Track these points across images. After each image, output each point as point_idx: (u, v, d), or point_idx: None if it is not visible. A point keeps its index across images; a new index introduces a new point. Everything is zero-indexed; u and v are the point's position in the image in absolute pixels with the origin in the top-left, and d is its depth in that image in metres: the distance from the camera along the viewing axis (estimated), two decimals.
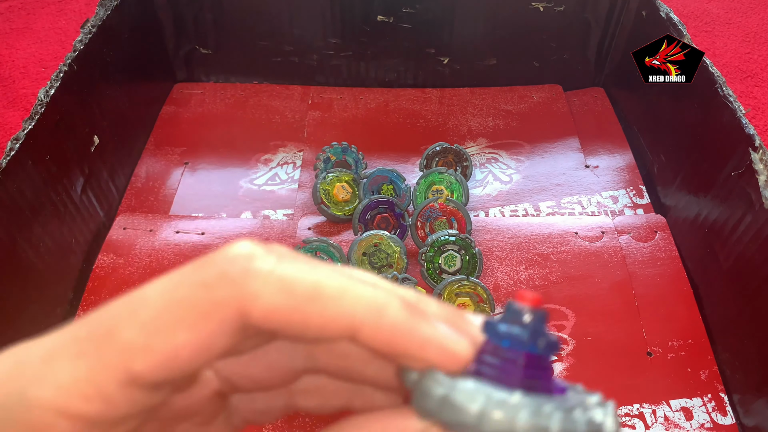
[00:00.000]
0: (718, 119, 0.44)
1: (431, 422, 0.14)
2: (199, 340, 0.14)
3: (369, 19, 0.60)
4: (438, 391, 0.14)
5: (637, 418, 0.39)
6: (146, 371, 0.14)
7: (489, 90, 0.64)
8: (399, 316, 0.15)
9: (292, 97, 0.63)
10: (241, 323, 0.14)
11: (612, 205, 0.53)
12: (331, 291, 0.15)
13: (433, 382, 0.14)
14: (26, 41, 0.71)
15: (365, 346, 0.15)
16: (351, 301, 0.15)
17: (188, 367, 0.14)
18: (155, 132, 0.59)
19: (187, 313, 0.14)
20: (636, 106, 0.58)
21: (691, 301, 0.45)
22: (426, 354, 0.15)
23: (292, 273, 0.14)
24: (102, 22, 0.50)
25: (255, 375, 0.18)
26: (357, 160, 0.54)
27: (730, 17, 0.65)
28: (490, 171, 0.56)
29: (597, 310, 0.44)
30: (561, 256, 0.47)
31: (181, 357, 0.14)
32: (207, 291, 0.14)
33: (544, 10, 0.60)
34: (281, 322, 0.14)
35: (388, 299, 0.15)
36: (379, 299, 0.15)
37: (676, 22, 0.49)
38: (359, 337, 0.15)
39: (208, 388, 0.17)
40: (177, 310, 0.14)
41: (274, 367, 0.17)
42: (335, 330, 0.15)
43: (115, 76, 0.53)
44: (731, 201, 0.42)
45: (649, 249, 0.48)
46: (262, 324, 0.14)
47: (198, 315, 0.14)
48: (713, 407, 0.39)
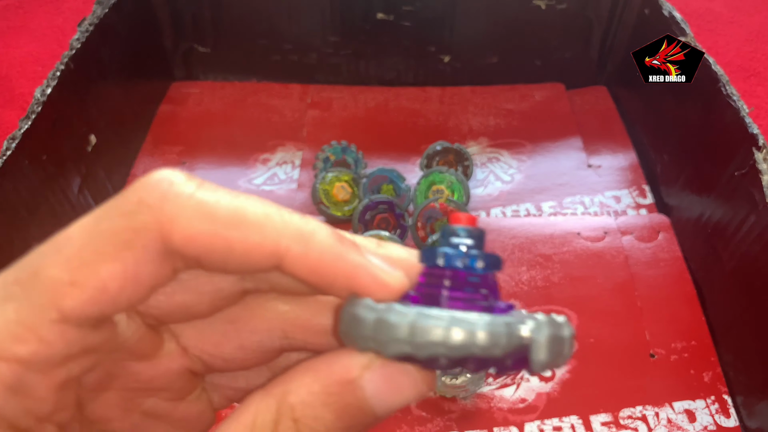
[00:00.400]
0: (721, 118, 0.43)
1: (371, 352, 0.14)
2: (124, 271, 0.14)
3: (369, 16, 0.60)
4: (370, 315, 0.14)
5: (640, 421, 0.39)
6: (76, 307, 0.13)
7: (490, 89, 0.63)
8: (327, 241, 0.14)
9: (291, 96, 0.63)
10: (164, 249, 0.14)
11: (615, 205, 0.52)
12: (255, 217, 0.14)
13: (366, 308, 0.14)
14: (23, 39, 0.71)
15: (292, 274, 0.15)
16: (276, 227, 0.14)
17: (121, 301, 0.14)
18: (152, 131, 0.59)
19: (109, 244, 0.14)
20: (639, 105, 0.58)
21: (695, 302, 0.44)
22: (357, 282, 0.15)
23: (213, 198, 0.14)
24: (99, 20, 0.50)
25: (227, 355, 0.17)
26: (357, 160, 0.54)
27: (734, 16, 0.65)
28: (491, 171, 0.56)
29: (599, 312, 0.44)
30: (563, 256, 0.47)
31: (110, 290, 0.13)
32: (126, 219, 0.14)
33: (545, 8, 0.59)
34: (204, 248, 0.14)
35: (317, 227, 0.15)
36: (306, 226, 0.14)
37: (678, 20, 0.49)
38: (285, 265, 0.14)
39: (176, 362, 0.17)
40: (99, 242, 0.14)
41: (247, 346, 0.17)
42: (260, 257, 0.14)
43: (113, 74, 0.53)
44: (735, 201, 0.42)
45: (651, 249, 0.48)
46: (185, 250, 0.14)
47: (120, 244, 0.14)
48: (717, 409, 0.39)
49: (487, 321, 0.13)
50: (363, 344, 0.14)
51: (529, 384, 0.41)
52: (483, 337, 0.13)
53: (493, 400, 0.40)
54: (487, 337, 0.13)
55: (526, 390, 0.40)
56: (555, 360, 0.14)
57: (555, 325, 0.14)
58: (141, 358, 0.16)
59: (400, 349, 0.13)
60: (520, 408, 0.39)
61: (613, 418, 0.39)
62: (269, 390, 0.15)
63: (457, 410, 0.39)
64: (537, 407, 0.40)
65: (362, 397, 0.14)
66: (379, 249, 0.16)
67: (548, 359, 0.14)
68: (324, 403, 0.14)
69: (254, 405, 0.15)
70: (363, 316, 0.14)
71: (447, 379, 0.39)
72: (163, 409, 0.17)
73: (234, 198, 0.14)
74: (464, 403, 0.39)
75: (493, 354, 0.13)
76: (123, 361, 0.16)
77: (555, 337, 0.14)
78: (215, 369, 0.18)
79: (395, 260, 0.16)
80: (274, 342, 0.17)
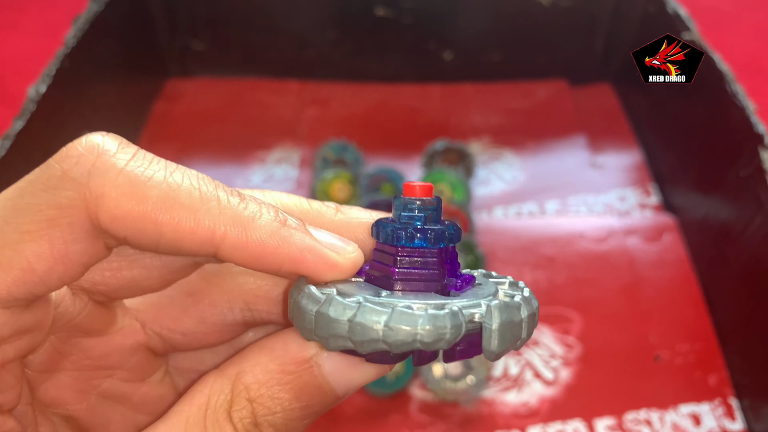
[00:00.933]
0: (726, 117, 0.43)
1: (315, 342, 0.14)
2: (51, 250, 0.13)
3: (368, 12, 0.59)
4: (312, 307, 0.13)
5: (645, 424, 0.38)
6: (1, 289, 0.13)
7: (492, 86, 0.63)
8: (269, 227, 0.14)
9: (289, 93, 0.62)
10: (92, 227, 0.13)
11: (619, 204, 0.52)
12: (189, 199, 0.13)
13: (308, 299, 0.13)
14: (16, 37, 0.70)
15: (231, 261, 0.14)
16: (211, 212, 0.13)
17: (51, 280, 0.13)
18: (148, 129, 0.58)
19: (33, 222, 0.13)
20: (644, 103, 0.58)
21: (700, 304, 0.44)
22: (305, 266, 0.14)
23: (144, 174, 0.13)
24: (94, 17, 0.49)
25: (187, 330, 0.17)
26: (356, 158, 0.53)
27: (740, 13, 0.64)
28: (493, 169, 0.55)
29: (604, 314, 0.43)
30: (567, 258, 0.47)
31: (37, 270, 0.13)
32: (50, 195, 0.13)
33: (549, 5, 0.59)
34: (131, 230, 0.13)
35: (257, 210, 0.14)
36: (245, 210, 0.14)
37: (683, 18, 0.49)
38: (222, 252, 0.14)
39: (130, 338, 0.16)
40: (21, 220, 0.13)
41: (208, 319, 0.17)
42: (193, 243, 0.13)
43: (107, 71, 0.52)
44: (741, 201, 0.41)
45: (657, 250, 0.47)
46: (112, 230, 0.13)
47: (44, 222, 0.13)
48: (722, 413, 0.39)
49: (431, 315, 0.13)
50: (307, 336, 0.14)
51: (532, 388, 0.40)
52: (426, 332, 0.13)
53: (495, 404, 0.39)
54: (430, 332, 0.13)
55: (529, 394, 0.40)
56: (509, 346, 0.13)
57: (508, 308, 0.13)
58: (91, 335, 0.16)
59: (341, 344, 0.13)
60: (522, 412, 0.39)
61: (617, 422, 0.39)
62: (223, 369, 0.14)
63: (458, 414, 0.39)
64: (540, 411, 0.39)
65: (320, 375, 0.14)
66: (337, 216, 0.16)
67: (500, 347, 0.13)
68: (280, 383, 0.14)
69: (208, 386, 0.14)
70: (305, 307, 0.13)
71: (449, 383, 0.38)
72: (121, 391, 0.17)
73: (170, 175, 0.13)
74: (466, 407, 0.39)
75: (438, 347, 0.13)
76: (72, 338, 0.15)
77: (507, 323, 0.13)
78: (176, 347, 0.17)
79: (354, 227, 0.15)
80: (236, 315, 0.17)
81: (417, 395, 0.39)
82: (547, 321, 0.43)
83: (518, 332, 0.13)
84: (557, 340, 0.42)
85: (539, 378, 0.41)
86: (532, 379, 0.41)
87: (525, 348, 0.42)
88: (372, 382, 0.14)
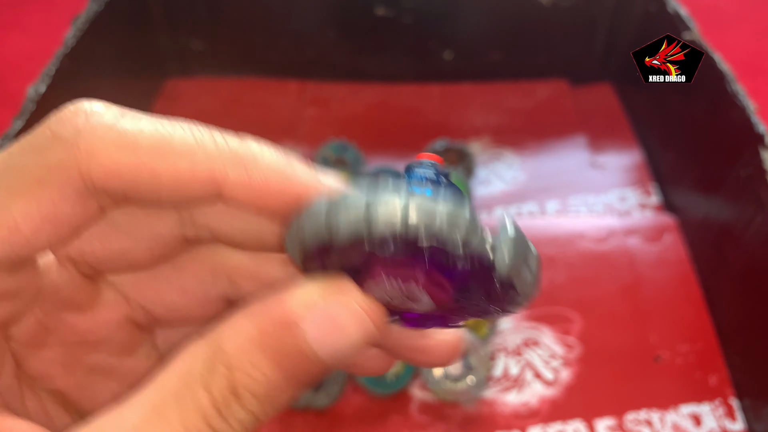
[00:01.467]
0: (727, 117, 0.43)
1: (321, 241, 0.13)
2: (39, 210, 0.13)
3: (368, 12, 0.59)
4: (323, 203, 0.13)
5: (645, 424, 0.38)
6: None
7: (493, 86, 0.63)
8: (275, 163, 0.14)
9: (289, 93, 0.62)
10: (83, 186, 0.13)
11: (620, 204, 0.52)
12: (182, 144, 0.13)
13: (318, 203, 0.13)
14: (15, 37, 0.70)
15: (235, 201, 0.14)
16: (208, 153, 0.13)
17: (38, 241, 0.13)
18: None
19: (21, 182, 0.13)
20: (645, 103, 0.58)
21: (701, 304, 0.44)
22: None
23: (134, 127, 0.13)
24: (94, 16, 0.49)
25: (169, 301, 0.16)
26: (356, 158, 0.53)
27: (740, 13, 0.64)
28: (493, 169, 0.55)
29: (604, 314, 0.43)
30: (567, 258, 0.47)
31: (23, 230, 0.13)
32: (39, 156, 0.13)
33: (549, 5, 0.59)
34: (128, 182, 0.13)
35: (259, 149, 0.14)
36: (246, 149, 0.14)
37: (684, 18, 0.49)
38: (226, 192, 0.13)
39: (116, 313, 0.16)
40: (9, 180, 0.13)
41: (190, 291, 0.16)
42: (194, 186, 0.13)
43: (107, 71, 0.52)
44: (742, 201, 0.41)
45: (657, 250, 0.47)
46: (107, 185, 0.13)
47: (31, 182, 0.13)
48: (723, 413, 0.39)
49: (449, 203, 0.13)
50: (314, 234, 0.13)
51: (533, 388, 0.40)
52: (443, 212, 0.12)
53: (495, 404, 0.39)
54: (447, 215, 0.12)
55: (530, 394, 0.40)
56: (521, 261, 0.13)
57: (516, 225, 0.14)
58: (77, 309, 0.16)
59: (354, 228, 0.12)
60: (522, 412, 0.39)
61: (617, 422, 0.39)
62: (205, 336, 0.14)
63: (459, 415, 0.39)
64: (540, 411, 0.39)
65: (303, 339, 0.13)
66: None
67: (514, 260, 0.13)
68: (261, 349, 0.13)
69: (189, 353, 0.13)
70: (316, 206, 0.13)
71: (449, 383, 0.38)
72: (108, 365, 0.17)
73: (160, 126, 0.13)
74: (466, 407, 0.39)
75: (452, 237, 0.13)
76: (58, 312, 0.15)
77: (520, 237, 0.13)
78: (160, 320, 0.17)
79: None
80: (218, 289, 0.16)
81: (417, 395, 0.39)
82: (548, 321, 0.43)
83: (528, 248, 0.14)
84: (557, 340, 0.42)
85: (539, 378, 0.41)
86: (533, 380, 0.41)
87: (525, 348, 0.42)
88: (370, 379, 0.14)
